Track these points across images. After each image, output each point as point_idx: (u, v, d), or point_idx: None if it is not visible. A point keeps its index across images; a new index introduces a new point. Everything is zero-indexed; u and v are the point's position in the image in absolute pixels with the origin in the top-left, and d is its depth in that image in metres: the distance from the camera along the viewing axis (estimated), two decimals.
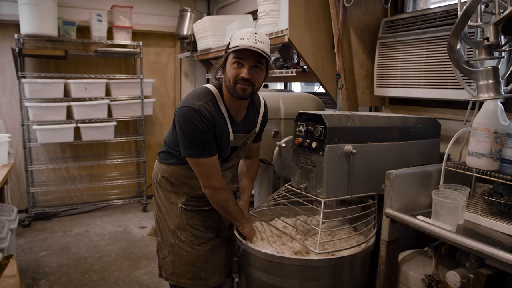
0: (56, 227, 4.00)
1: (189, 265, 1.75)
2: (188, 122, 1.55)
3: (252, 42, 1.50)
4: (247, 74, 1.54)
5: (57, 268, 3.10)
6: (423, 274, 1.54)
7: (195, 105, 1.56)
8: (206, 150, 1.59)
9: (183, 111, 1.57)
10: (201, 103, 1.57)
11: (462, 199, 1.42)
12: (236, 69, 1.55)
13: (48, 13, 3.75)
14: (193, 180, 1.73)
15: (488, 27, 1.31)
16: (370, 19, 2.26)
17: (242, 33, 1.54)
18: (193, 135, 1.56)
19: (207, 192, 1.67)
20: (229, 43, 1.58)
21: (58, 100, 4.00)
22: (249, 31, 1.53)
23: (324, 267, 1.58)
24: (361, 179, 1.70)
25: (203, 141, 1.57)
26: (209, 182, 1.64)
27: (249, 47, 1.49)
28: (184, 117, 1.56)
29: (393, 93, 2.16)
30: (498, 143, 1.45)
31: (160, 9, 4.70)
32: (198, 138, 1.56)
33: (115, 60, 4.63)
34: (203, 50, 3.88)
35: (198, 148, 1.57)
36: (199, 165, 1.62)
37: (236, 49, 1.51)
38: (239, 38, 1.52)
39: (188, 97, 1.63)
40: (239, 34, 1.54)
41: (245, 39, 1.50)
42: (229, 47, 1.56)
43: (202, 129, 1.55)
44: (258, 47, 1.50)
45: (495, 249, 1.17)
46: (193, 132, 1.55)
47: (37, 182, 4.36)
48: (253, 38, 1.51)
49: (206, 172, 1.63)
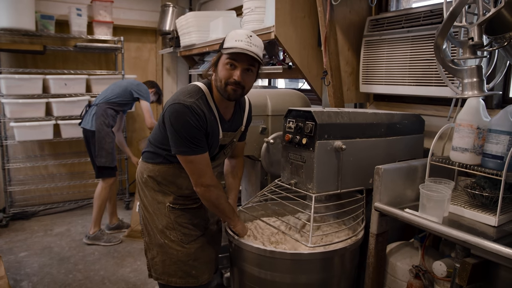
0: (36, 227, 3.90)
1: (179, 264, 1.74)
2: (180, 118, 1.54)
3: (247, 45, 1.51)
4: (239, 77, 1.55)
5: (39, 269, 3.03)
6: (411, 265, 1.60)
7: (187, 101, 1.55)
8: (198, 147, 1.58)
9: (174, 108, 1.56)
10: (192, 100, 1.57)
11: (447, 193, 1.48)
12: (228, 70, 1.56)
13: (25, 6, 3.62)
14: (180, 179, 1.72)
15: (473, 28, 1.37)
16: (355, 17, 2.30)
17: (238, 34, 1.53)
18: (185, 132, 1.55)
19: (198, 190, 1.66)
20: (223, 43, 1.58)
21: (37, 96, 3.88)
22: (245, 33, 1.53)
23: (315, 261, 1.62)
24: (350, 174, 1.74)
25: (195, 138, 1.56)
26: (200, 179, 1.63)
27: (244, 51, 1.50)
28: (176, 113, 1.55)
29: (378, 90, 2.22)
30: (480, 138, 1.51)
31: (141, 4, 4.63)
32: (190, 135, 1.55)
33: (95, 55, 4.53)
34: (186, 46, 3.85)
35: (190, 145, 1.57)
36: (191, 162, 1.61)
37: (231, 51, 1.51)
38: (234, 40, 1.52)
39: (178, 94, 1.62)
40: (234, 35, 1.54)
41: (240, 41, 1.51)
42: (223, 47, 1.56)
43: (194, 126, 1.55)
44: (252, 51, 1.51)
45: (481, 239, 1.24)
46: (185, 128, 1.55)
47: (15, 181, 4.23)
48: (248, 41, 1.52)
49: (198, 169, 1.62)
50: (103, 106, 3.36)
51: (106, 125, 3.33)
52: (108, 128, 3.35)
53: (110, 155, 3.36)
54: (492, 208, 1.50)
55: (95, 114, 3.37)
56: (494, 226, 1.41)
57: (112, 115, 3.38)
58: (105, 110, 3.35)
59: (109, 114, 3.36)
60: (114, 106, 3.39)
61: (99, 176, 3.47)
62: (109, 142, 3.35)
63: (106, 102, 3.38)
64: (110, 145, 3.36)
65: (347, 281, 1.73)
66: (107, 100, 3.39)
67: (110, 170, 3.44)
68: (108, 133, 3.34)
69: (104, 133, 3.33)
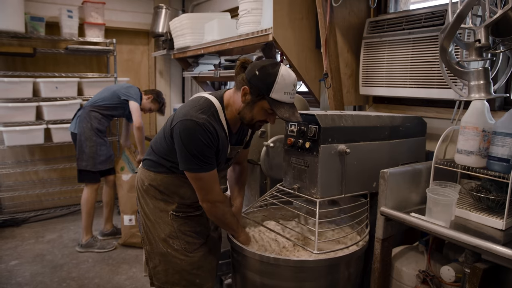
0: (26, 234, 3.80)
1: (183, 273, 1.70)
2: (191, 136, 1.49)
3: (292, 98, 1.52)
4: (274, 121, 1.58)
5: (31, 277, 2.95)
6: (417, 270, 1.58)
7: (199, 118, 1.49)
8: (207, 164, 1.54)
9: (185, 125, 1.50)
10: (205, 116, 1.51)
11: (455, 196, 1.46)
12: (266, 115, 1.56)
13: (14, 7, 3.54)
14: (183, 189, 1.68)
15: (480, 30, 1.35)
16: (354, 19, 2.29)
17: (287, 85, 1.48)
18: (195, 150, 1.50)
19: (205, 206, 1.63)
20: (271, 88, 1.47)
21: (27, 100, 3.79)
22: (293, 84, 1.50)
23: (320, 268, 1.59)
24: (354, 178, 1.72)
25: (205, 156, 1.52)
26: (207, 196, 1.60)
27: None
28: (187, 131, 1.49)
29: (379, 92, 2.20)
30: (485, 141, 1.50)
31: (133, 6, 4.57)
32: (201, 153, 1.51)
33: (86, 58, 4.46)
34: (180, 48, 3.80)
35: (199, 162, 1.52)
36: (200, 179, 1.57)
37: (282, 115, 1.49)
38: (283, 92, 1.48)
39: (189, 108, 1.55)
40: (284, 86, 1.48)
41: (288, 94, 1.49)
42: (270, 96, 1.48)
43: (206, 144, 1.50)
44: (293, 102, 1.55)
45: (493, 244, 1.22)
46: (195, 146, 1.49)
47: (4, 187, 4.13)
48: (293, 92, 1.52)
49: (206, 186, 1.59)
50: (88, 109, 3.31)
51: (89, 129, 3.27)
52: (91, 131, 3.27)
53: (91, 159, 3.29)
54: (498, 211, 1.49)
55: (79, 117, 3.33)
56: (501, 230, 1.40)
57: (97, 117, 3.30)
58: (89, 113, 3.29)
59: (94, 116, 3.29)
60: (100, 109, 3.31)
61: (80, 180, 3.41)
62: (90, 146, 3.28)
63: (92, 105, 3.32)
64: (92, 149, 3.28)
65: (352, 287, 1.70)
66: (93, 103, 3.33)
67: (92, 175, 3.36)
68: (89, 137, 3.27)
69: (85, 136, 3.27)
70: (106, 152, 3.36)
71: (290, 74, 1.49)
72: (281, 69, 1.48)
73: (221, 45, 3.05)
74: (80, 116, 3.32)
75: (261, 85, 1.48)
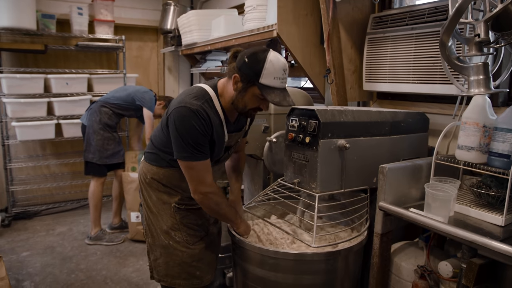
0: (38, 226, 3.89)
1: (184, 266, 1.72)
2: (185, 122, 1.50)
3: (282, 83, 1.53)
4: (267, 108, 1.59)
5: (42, 268, 3.03)
6: (416, 265, 1.58)
7: (193, 105, 1.51)
8: (200, 153, 1.55)
9: (180, 112, 1.52)
10: (199, 103, 1.53)
11: (453, 192, 1.46)
12: (258, 101, 1.57)
13: (26, 5, 3.61)
14: (185, 183, 1.68)
15: (479, 24, 1.34)
16: (358, 14, 2.28)
17: (276, 70, 1.49)
18: (189, 137, 1.51)
19: (197, 197, 1.62)
20: (260, 74, 1.49)
21: (38, 95, 3.87)
22: (282, 69, 1.51)
23: (319, 261, 1.60)
24: (353, 173, 1.72)
25: (198, 144, 1.53)
26: (199, 187, 1.60)
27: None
28: (181, 117, 1.51)
29: (382, 88, 2.20)
30: (486, 136, 1.49)
31: (142, 3, 4.61)
32: (194, 140, 1.52)
33: (96, 54, 4.52)
34: (188, 44, 3.83)
35: (193, 150, 1.53)
36: (191, 168, 1.58)
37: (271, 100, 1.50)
38: (272, 77, 1.49)
39: (184, 96, 1.58)
40: (273, 71, 1.49)
41: (278, 79, 1.50)
42: (260, 82, 1.50)
43: (200, 131, 1.51)
44: (285, 87, 1.55)
45: (488, 240, 1.22)
46: (189, 133, 1.51)
47: (17, 181, 4.23)
48: (284, 77, 1.52)
49: (198, 176, 1.59)
50: (100, 103, 3.38)
51: (97, 123, 3.33)
52: (99, 125, 3.33)
53: (98, 152, 3.35)
54: (499, 207, 1.48)
55: (90, 110, 3.41)
56: (501, 226, 1.39)
57: (108, 113, 3.36)
58: (100, 108, 3.36)
59: (104, 112, 3.35)
60: (112, 107, 3.38)
61: (86, 172, 3.48)
62: (97, 139, 3.34)
63: (104, 101, 3.38)
64: (99, 143, 3.34)
65: (351, 281, 1.71)
66: (106, 100, 3.39)
67: (98, 168, 3.42)
68: (97, 131, 3.33)
69: (94, 129, 3.33)
70: (114, 147, 3.41)
71: (279, 59, 1.51)
72: (270, 55, 1.49)
73: (227, 41, 3.07)
74: (92, 110, 3.39)
75: (250, 71, 1.50)
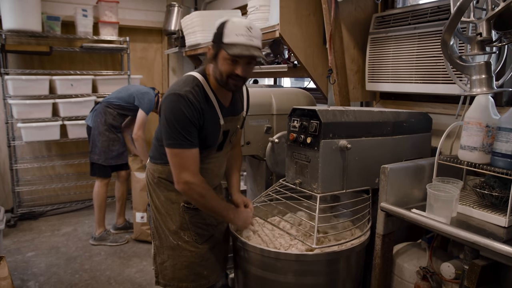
0: (43, 227, 3.92)
1: (192, 266, 1.71)
2: (174, 108, 1.51)
3: (249, 39, 1.47)
4: (242, 73, 1.53)
5: (46, 269, 3.05)
6: (418, 266, 1.57)
7: (182, 90, 1.52)
8: (186, 140, 1.53)
9: (169, 98, 1.53)
10: (187, 88, 1.54)
11: (455, 192, 1.44)
12: (230, 65, 1.53)
13: (31, 7, 3.65)
14: None
15: (481, 23, 1.33)
16: (361, 14, 2.27)
17: (237, 27, 1.48)
18: (177, 122, 1.51)
19: (180, 187, 1.58)
20: (222, 34, 1.49)
21: (43, 97, 3.90)
22: (245, 26, 1.48)
23: (320, 262, 1.59)
24: (355, 173, 1.71)
25: (186, 130, 1.52)
26: (182, 174, 1.55)
27: (248, 51, 1.47)
28: (170, 103, 1.52)
29: (385, 88, 2.18)
30: (489, 136, 1.47)
31: (147, 4, 4.63)
32: (181, 126, 1.51)
33: (101, 56, 4.55)
34: (191, 45, 3.84)
35: (180, 136, 1.52)
36: (176, 156, 1.55)
37: (233, 52, 1.47)
38: (234, 34, 1.47)
39: (174, 85, 1.60)
40: (234, 29, 1.48)
41: (242, 36, 1.47)
42: (223, 42, 1.49)
43: (188, 116, 1.51)
44: (254, 45, 1.49)
45: (490, 241, 1.20)
46: (176, 119, 1.51)
47: (22, 181, 4.26)
48: (249, 34, 1.48)
49: (182, 163, 1.55)
50: (104, 104, 3.39)
51: (102, 124, 3.34)
52: (104, 126, 3.34)
53: (103, 154, 3.36)
54: (502, 208, 1.46)
55: (95, 111, 3.41)
56: (504, 227, 1.37)
57: (113, 114, 3.37)
58: (104, 108, 3.37)
59: (109, 113, 3.36)
60: (114, 107, 3.38)
61: (92, 173, 3.49)
62: (103, 140, 3.35)
63: (108, 102, 3.39)
64: (104, 144, 3.35)
65: (352, 282, 1.70)
66: (109, 100, 3.40)
67: (103, 169, 3.43)
68: (102, 132, 3.34)
69: (99, 131, 3.34)
70: (118, 148, 3.43)
71: (241, 19, 1.53)
72: (233, 18, 1.52)
73: None
74: (96, 111, 3.40)
75: (216, 36, 1.53)
